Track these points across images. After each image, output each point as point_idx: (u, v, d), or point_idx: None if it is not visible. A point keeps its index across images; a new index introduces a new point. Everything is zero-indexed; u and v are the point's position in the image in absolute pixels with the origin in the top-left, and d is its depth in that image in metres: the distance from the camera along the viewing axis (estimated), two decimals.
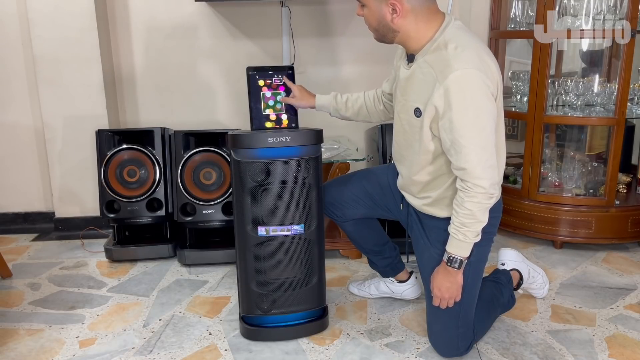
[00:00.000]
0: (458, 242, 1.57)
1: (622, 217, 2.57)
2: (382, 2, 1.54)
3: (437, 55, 1.51)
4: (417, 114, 1.57)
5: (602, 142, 2.82)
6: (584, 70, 2.89)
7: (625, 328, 1.94)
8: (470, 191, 1.50)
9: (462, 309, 1.70)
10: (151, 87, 2.94)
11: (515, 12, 2.77)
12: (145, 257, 2.56)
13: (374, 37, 1.67)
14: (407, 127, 1.64)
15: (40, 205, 3.04)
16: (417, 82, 1.57)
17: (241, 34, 2.89)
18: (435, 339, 1.78)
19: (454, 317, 1.70)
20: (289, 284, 1.86)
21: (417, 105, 1.57)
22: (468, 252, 1.58)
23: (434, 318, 1.75)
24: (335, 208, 1.94)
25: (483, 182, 1.48)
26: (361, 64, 2.95)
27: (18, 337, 1.93)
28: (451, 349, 1.75)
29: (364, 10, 1.61)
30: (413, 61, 1.59)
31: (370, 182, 1.92)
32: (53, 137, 2.81)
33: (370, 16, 1.59)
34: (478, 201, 1.50)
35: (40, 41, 2.70)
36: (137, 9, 2.84)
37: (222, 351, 1.83)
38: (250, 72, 1.85)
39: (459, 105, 1.45)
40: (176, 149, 2.50)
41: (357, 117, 1.96)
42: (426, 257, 1.74)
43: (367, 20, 1.62)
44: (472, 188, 1.50)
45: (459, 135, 1.47)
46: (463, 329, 1.72)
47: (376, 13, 1.56)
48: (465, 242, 1.56)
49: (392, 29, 1.57)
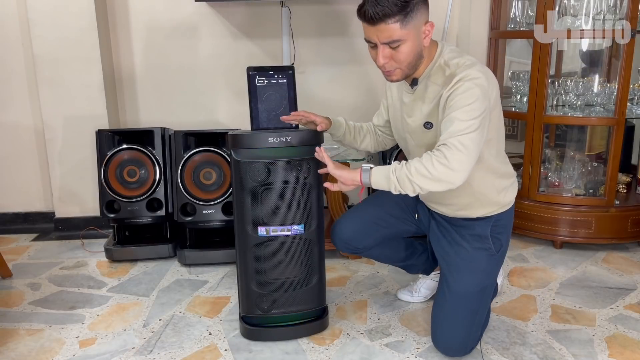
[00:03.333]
0: (384, 172, 1.54)
1: (622, 217, 2.57)
2: (418, 31, 1.54)
3: (440, 75, 1.60)
4: (427, 127, 1.65)
5: (602, 142, 2.82)
6: (584, 70, 2.89)
7: (625, 328, 1.94)
8: (437, 152, 1.48)
9: (480, 305, 1.73)
10: (151, 87, 2.94)
11: (515, 12, 2.77)
12: (145, 257, 2.56)
13: (399, 75, 1.60)
14: (422, 141, 1.69)
15: (40, 205, 3.05)
16: (423, 101, 1.65)
17: (241, 34, 2.89)
18: (446, 337, 1.75)
19: (471, 314, 1.72)
20: (289, 284, 1.86)
21: (428, 120, 1.65)
22: (377, 181, 1.55)
23: (450, 315, 1.73)
24: (356, 242, 1.92)
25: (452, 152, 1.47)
26: (361, 64, 2.95)
27: (18, 337, 1.93)
28: (459, 349, 1.74)
29: (399, 50, 1.54)
30: (417, 84, 1.66)
31: (379, 204, 1.95)
32: (53, 137, 2.81)
33: (407, 51, 1.55)
34: (431, 166, 1.47)
35: (40, 41, 2.70)
36: (137, 9, 2.84)
37: (222, 351, 1.83)
38: (250, 72, 1.85)
39: (461, 98, 1.50)
40: (176, 149, 2.50)
41: (361, 141, 1.95)
42: (454, 252, 1.76)
43: (400, 59, 1.56)
44: (440, 150, 1.48)
45: (456, 114, 1.49)
46: (475, 327, 1.74)
47: (415, 44, 1.55)
48: (386, 174, 1.53)
49: (422, 55, 1.60)
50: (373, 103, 2.93)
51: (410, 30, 1.51)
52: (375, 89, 2.96)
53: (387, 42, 1.52)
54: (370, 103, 2.96)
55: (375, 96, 2.95)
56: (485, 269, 1.74)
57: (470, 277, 1.72)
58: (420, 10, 1.52)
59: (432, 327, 1.80)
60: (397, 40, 1.51)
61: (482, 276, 1.73)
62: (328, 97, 2.92)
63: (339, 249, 1.98)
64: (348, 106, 2.97)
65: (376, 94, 2.95)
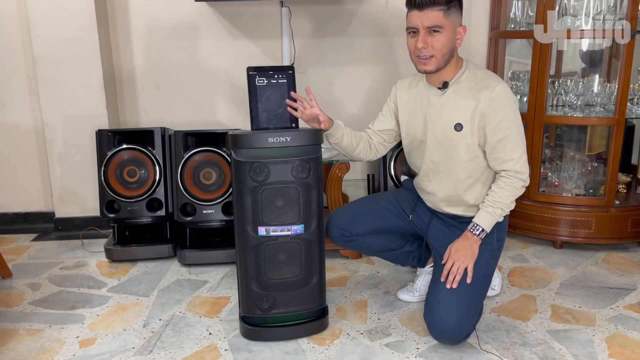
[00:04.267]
0: (486, 215, 1.80)
1: (622, 217, 2.57)
2: (455, 29, 1.75)
3: (471, 80, 1.80)
4: (457, 129, 1.80)
5: (602, 142, 2.82)
6: (584, 70, 2.89)
7: (625, 328, 1.94)
8: (512, 178, 1.79)
9: (480, 290, 1.81)
10: (151, 87, 2.94)
11: (515, 12, 2.77)
12: (145, 257, 2.56)
13: (433, 64, 1.76)
14: (446, 143, 1.84)
15: (40, 205, 3.05)
16: (455, 103, 1.80)
17: (241, 34, 2.89)
18: (443, 318, 1.75)
19: (470, 297, 1.77)
20: (289, 284, 1.86)
21: (458, 122, 1.80)
22: (490, 227, 1.81)
23: (449, 296, 1.75)
24: (351, 227, 1.99)
25: (524, 174, 1.80)
26: (361, 64, 2.95)
27: (18, 337, 1.93)
28: (455, 330, 1.75)
29: (436, 38, 1.72)
30: (446, 87, 1.81)
31: (374, 200, 2.08)
32: (53, 137, 2.81)
33: (444, 41, 1.73)
34: (516, 187, 1.80)
35: (40, 41, 2.70)
36: (137, 9, 2.84)
37: (222, 351, 1.83)
38: (250, 72, 1.85)
39: (505, 110, 1.75)
40: (176, 149, 2.50)
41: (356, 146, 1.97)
42: None
43: (436, 47, 1.73)
44: (514, 176, 1.79)
45: (508, 133, 1.76)
46: (472, 312, 1.79)
47: (451, 38, 1.74)
48: (492, 217, 1.81)
49: (453, 53, 1.78)
50: (373, 103, 2.94)
51: (450, 22, 1.72)
52: (375, 89, 2.96)
53: (430, 26, 1.71)
54: (370, 103, 2.96)
55: (375, 96, 2.95)
56: (487, 261, 1.86)
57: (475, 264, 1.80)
58: (458, 12, 1.75)
59: (427, 312, 1.81)
60: (439, 26, 1.71)
61: (484, 266, 1.84)
62: (328, 98, 2.92)
63: (334, 238, 2.01)
64: (348, 106, 2.97)
65: (376, 94, 2.95)
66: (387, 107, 2.01)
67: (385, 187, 2.51)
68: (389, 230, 2.04)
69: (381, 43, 2.93)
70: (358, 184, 3.00)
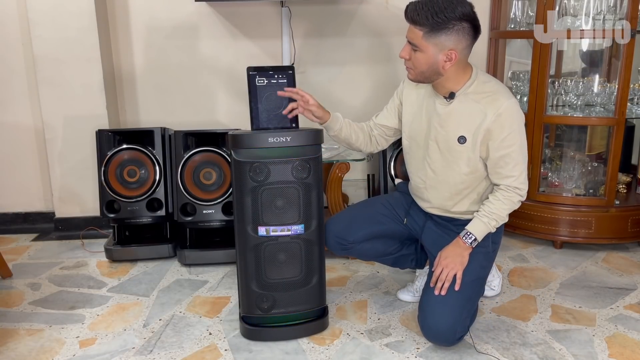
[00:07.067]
0: (481, 225, 1.80)
1: (622, 217, 2.57)
2: (440, 51, 1.68)
3: (478, 92, 1.76)
4: (461, 141, 1.78)
5: (602, 142, 2.82)
6: (584, 70, 2.89)
7: (625, 328, 1.95)
8: (511, 192, 1.79)
9: (473, 293, 1.80)
10: (151, 87, 2.94)
11: (515, 12, 2.77)
12: (145, 257, 2.56)
13: (412, 75, 1.78)
14: (447, 153, 1.82)
15: (40, 205, 3.05)
16: (460, 115, 1.77)
17: (241, 34, 2.89)
18: (436, 320, 1.75)
19: (463, 300, 1.76)
20: (289, 284, 1.86)
21: (462, 134, 1.77)
22: (482, 236, 1.81)
23: (442, 299, 1.75)
24: (348, 235, 1.96)
25: (522, 190, 1.80)
26: (361, 64, 2.95)
27: (18, 337, 1.93)
28: (448, 331, 1.74)
29: (415, 54, 1.71)
30: (453, 98, 1.77)
31: (369, 205, 2.09)
32: (53, 137, 2.81)
33: (422, 60, 1.71)
34: (513, 201, 1.80)
35: (40, 41, 2.70)
36: (137, 9, 2.84)
37: (222, 351, 1.83)
38: (250, 72, 1.85)
39: (510, 127, 1.73)
40: (176, 149, 2.50)
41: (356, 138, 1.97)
42: None
43: (415, 63, 1.73)
44: (513, 190, 1.78)
45: (510, 150, 1.74)
46: (466, 314, 1.78)
47: (431, 58, 1.70)
48: (486, 227, 1.80)
49: (439, 73, 1.74)
50: (373, 103, 2.94)
51: (431, 45, 1.68)
52: (375, 89, 2.96)
53: (409, 41, 1.71)
54: (370, 103, 2.96)
55: (375, 96, 2.95)
56: (481, 263, 1.85)
57: (467, 267, 1.78)
58: (451, 36, 1.66)
59: (421, 314, 1.81)
60: (416, 45, 1.70)
61: (478, 269, 1.83)
62: (328, 97, 2.91)
63: (331, 246, 1.99)
64: (348, 106, 2.97)
65: (376, 94, 2.95)
66: (392, 103, 1.98)
67: (385, 186, 2.51)
68: (385, 235, 2.03)
69: (381, 43, 2.93)
70: (358, 184, 3.00)
